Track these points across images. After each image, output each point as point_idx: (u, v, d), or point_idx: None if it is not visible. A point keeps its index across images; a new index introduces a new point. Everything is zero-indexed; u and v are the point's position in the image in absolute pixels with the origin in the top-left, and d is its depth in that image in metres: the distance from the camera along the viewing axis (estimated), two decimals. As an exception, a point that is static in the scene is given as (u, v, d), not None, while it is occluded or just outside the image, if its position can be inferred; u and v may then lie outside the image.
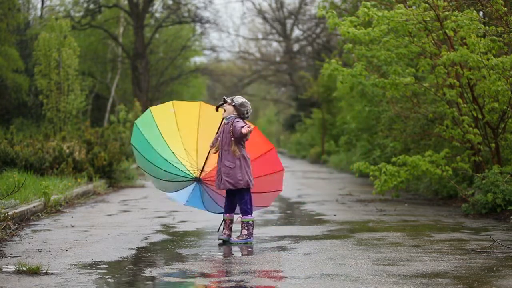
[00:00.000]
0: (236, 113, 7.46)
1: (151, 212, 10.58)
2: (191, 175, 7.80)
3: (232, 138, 7.35)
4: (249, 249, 7.16)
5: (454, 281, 5.50)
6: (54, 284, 5.37)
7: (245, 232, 7.48)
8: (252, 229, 7.52)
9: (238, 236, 7.53)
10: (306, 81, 32.67)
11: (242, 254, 6.88)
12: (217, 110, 7.62)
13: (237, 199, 7.55)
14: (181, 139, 7.97)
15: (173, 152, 7.86)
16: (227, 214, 7.59)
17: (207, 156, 7.75)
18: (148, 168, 8.02)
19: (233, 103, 7.45)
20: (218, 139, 7.54)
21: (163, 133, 7.97)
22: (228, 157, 7.37)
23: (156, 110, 8.12)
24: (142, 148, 7.95)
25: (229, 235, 7.55)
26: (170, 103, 8.18)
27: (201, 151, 7.89)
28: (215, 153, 7.55)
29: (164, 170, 7.81)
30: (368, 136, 18.49)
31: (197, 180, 7.85)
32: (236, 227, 7.97)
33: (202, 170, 7.80)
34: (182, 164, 7.81)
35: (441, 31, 10.60)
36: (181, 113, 8.10)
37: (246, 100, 7.54)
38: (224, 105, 7.49)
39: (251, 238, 7.51)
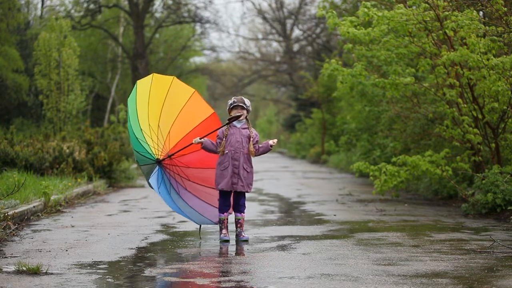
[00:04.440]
0: (246, 114, 7.64)
1: (151, 212, 10.58)
2: (153, 155, 7.55)
3: (249, 140, 7.55)
4: (249, 249, 7.17)
5: (454, 281, 5.50)
6: (54, 284, 5.37)
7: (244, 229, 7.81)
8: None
9: (242, 234, 7.73)
10: (306, 81, 32.62)
11: (242, 254, 6.89)
12: (230, 122, 7.56)
13: (237, 199, 7.66)
14: (147, 112, 7.62)
15: (141, 129, 7.55)
16: (225, 214, 7.63)
17: (178, 144, 7.57)
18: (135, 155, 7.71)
19: (247, 108, 7.60)
20: (220, 142, 7.55)
21: (138, 106, 7.61)
22: (246, 161, 7.58)
23: (140, 83, 7.77)
24: (130, 130, 7.63)
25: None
26: (151, 75, 7.81)
27: (163, 129, 7.62)
28: (222, 155, 7.53)
29: (135, 151, 7.59)
30: (368, 136, 18.47)
31: (159, 162, 7.61)
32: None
33: (169, 157, 7.59)
34: (146, 142, 7.54)
35: (441, 31, 10.60)
36: (156, 86, 7.71)
37: (241, 97, 7.73)
38: (241, 111, 7.57)
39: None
